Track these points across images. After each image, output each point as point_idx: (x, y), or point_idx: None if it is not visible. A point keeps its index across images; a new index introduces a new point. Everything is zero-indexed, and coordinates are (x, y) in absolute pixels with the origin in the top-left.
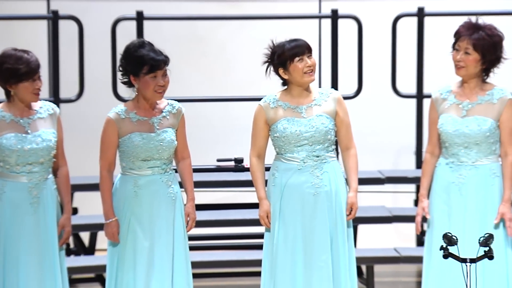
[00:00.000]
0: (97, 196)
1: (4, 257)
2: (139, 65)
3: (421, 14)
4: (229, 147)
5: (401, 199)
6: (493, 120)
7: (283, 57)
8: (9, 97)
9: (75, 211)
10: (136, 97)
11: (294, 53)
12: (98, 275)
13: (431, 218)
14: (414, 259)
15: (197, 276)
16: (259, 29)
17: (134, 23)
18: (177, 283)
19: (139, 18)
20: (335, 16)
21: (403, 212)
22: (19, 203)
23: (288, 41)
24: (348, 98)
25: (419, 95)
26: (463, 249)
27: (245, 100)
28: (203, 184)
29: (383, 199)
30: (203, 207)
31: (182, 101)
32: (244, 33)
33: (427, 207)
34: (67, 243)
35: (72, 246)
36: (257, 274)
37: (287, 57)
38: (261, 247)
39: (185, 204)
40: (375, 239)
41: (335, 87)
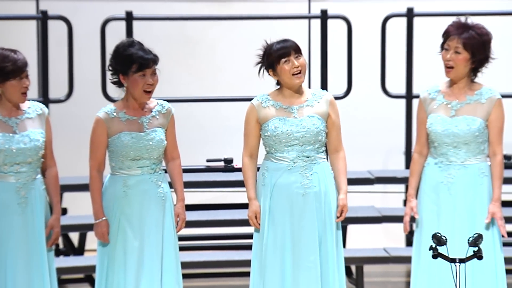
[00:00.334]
0: (86, 196)
1: None
2: (128, 63)
3: (410, 14)
4: (218, 147)
5: (391, 199)
6: (482, 119)
7: (271, 59)
8: None
9: (64, 212)
10: (125, 96)
11: (280, 54)
12: (87, 276)
13: (419, 218)
14: (403, 259)
15: (186, 276)
16: (249, 29)
17: (123, 23)
18: (167, 283)
19: (129, 18)
20: (324, 16)
21: (393, 212)
22: (7, 203)
23: (276, 42)
24: (337, 98)
25: (409, 96)
26: (452, 249)
27: (235, 100)
28: (193, 184)
29: (373, 199)
30: (193, 207)
31: (172, 101)
32: (234, 33)
33: (416, 207)
34: (56, 244)
35: (61, 246)
36: (247, 274)
37: (274, 59)
38: (251, 247)
39: (175, 204)
40: (365, 239)
41: (324, 87)
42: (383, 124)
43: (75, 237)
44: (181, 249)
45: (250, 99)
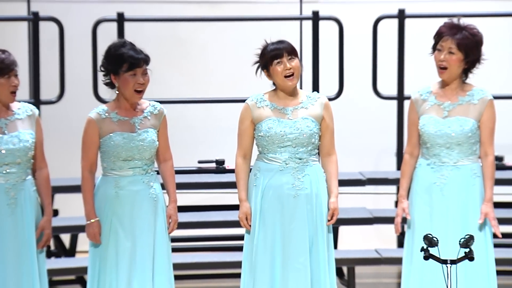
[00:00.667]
0: (78, 197)
1: None
2: (119, 63)
3: (401, 16)
4: (210, 148)
5: (382, 200)
6: (475, 120)
7: (265, 59)
8: None
9: (55, 213)
10: (117, 97)
11: (272, 55)
12: (78, 277)
13: (411, 219)
14: (395, 260)
15: (178, 277)
16: (241, 31)
17: (115, 24)
18: (159, 284)
19: (120, 19)
20: (316, 18)
21: (384, 213)
22: None
23: (272, 43)
24: (329, 99)
25: (400, 97)
26: (445, 250)
27: (226, 101)
28: (185, 185)
29: (364, 201)
30: (185, 209)
31: (163, 102)
32: (225, 35)
33: (407, 208)
34: (47, 245)
35: (52, 248)
36: (239, 275)
37: (267, 59)
38: (242, 249)
39: (167, 205)
40: (356, 241)
41: (316, 89)
42: (374, 125)
43: (66, 238)
44: (173, 250)
45: (241, 100)
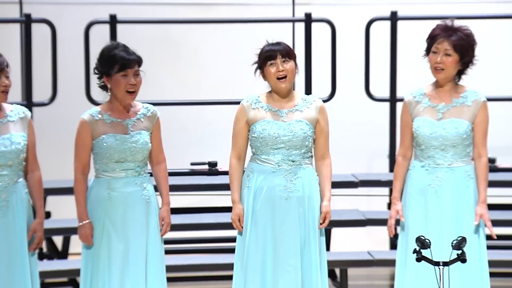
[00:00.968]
0: (70, 200)
1: None
2: (111, 64)
3: (394, 18)
4: (203, 150)
5: (375, 202)
6: (469, 122)
7: (260, 60)
8: None
9: (48, 215)
10: (110, 99)
11: (266, 56)
12: (71, 279)
13: (406, 221)
14: (387, 263)
15: (171, 279)
16: (233, 33)
17: (107, 26)
18: (152, 286)
19: (112, 21)
20: (308, 20)
21: (377, 215)
22: None
23: (268, 44)
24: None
25: (393, 99)
26: (440, 252)
27: (218, 103)
28: (177, 187)
29: (357, 203)
30: (177, 211)
31: (155, 104)
32: (218, 37)
33: (401, 210)
34: (40, 247)
35: (45, 250)
36: (231, 278)
37: (262, 60)
38: (235, 250)
39: (160, 207)
40: (349, 243)
41: (308, 90)
42: (367, 127)
43: (59, 240)
44: (166, 252)
45: (234, 102)
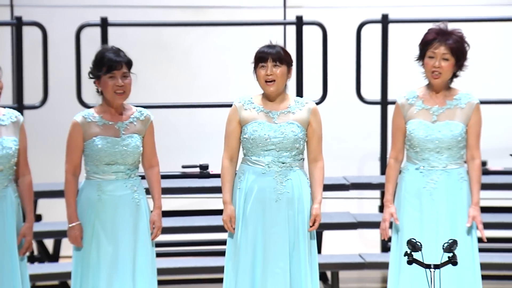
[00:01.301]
0: (61, 202)
1: None
2: (100, 66)
3: (385, 21)
4: (194, 153)
5: (366, 205)
6: (463, 124)
7: (254, 61)
8: None
9: (39, 218)
10: (103, 101)
11: (258, 58)
12: (62, 282)
13: (400, 224)
14: (379, 265)
15: (162, 282)
16: (225, 35)
17: (98, 29)
18: None
19: (104, 24)
20: (300, 22)
21: (368, 218)
22: None
23: (264, 46)
24: None
25: (384, 102)
26: (435, 255)
27: (210, 106)
28: (168, 190)
29: (348, 205)
30: (168, 214)
31: (147, 107)
32: (209, 39)
33: (395, 212)
34: (31, 251)
35: (36, 253)
36: (222, 280)
37: (254, 61)
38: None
39: (151, 211)
40: (340, 245)
41: (300, 93)
42: (358, 130)
43: (50, 243)
44: (157, 255)
45: (225, 105)
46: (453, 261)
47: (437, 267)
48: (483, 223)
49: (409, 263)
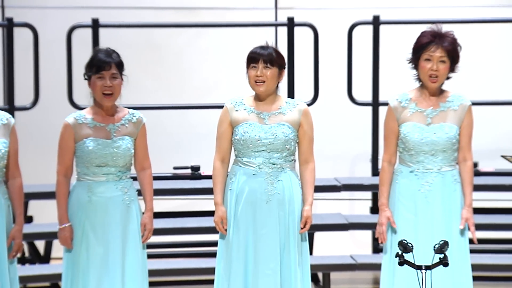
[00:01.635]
0: (52, 204)
1: None
2: (90, 67)
3: (376, 22)
4: (185, 155)
5: (357, 206)
6: (457, 126)
7: (246, 61)
8: None
9: (30, 220)
10: (94, 103)
11: (249, 58)
12: (53, 284)
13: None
14: (370, 266)
15: (153, 284)
16: (216, 37)
17: (90, 30)
18: None
19: (95, 25)
20: (291, 24)
21: (359, 219)
22: None
23: (257, 46)
24: None
25: (375, 103)
26: (430, 256)
27: (201, 108)
28: (160, 192)
29: (340, 207)
30: (160, 215)
31: (138, 108)
32: (201, 40)
33: (392, 216)
34: (22, 252)
35: (27, 254)
36: (214, 282)
37: (246, 62)
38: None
39: (143, 212)
40: (332, 247)
41: (291, 95)
42: (349, 131)
43: (41, 245)
44: (148, 256)
45: (217, 106)
46: (444, 262)
47: (428, 268)
48: (474, 225)
49: (400, 264)
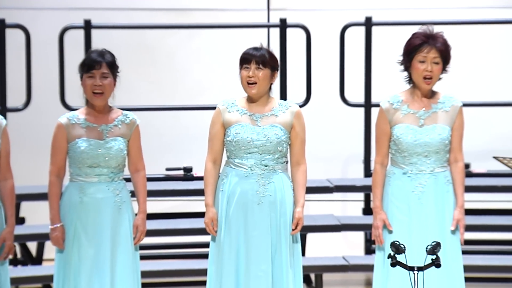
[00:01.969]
0: (44, 205)
1: None
2: (81, 66)
3: (368, 23)
4: (178, 156)
5: (350, 207)
6: (449, 127)
7: (239, 62)
8: None
9: (22, 221)
10: (87, 103)
11: (242, 59)
12: (45, 285)
13: (387, 229)
14: (362, 268)
15: (145, 285)
16: (208, 38)
17: (82, 31)
18: None
19: (87, 26)
20: (283, 25)
21: (352, 220)
22: None
23: (250, 48)
24: None
25: (367, 104)
26: (424, 258)
27: (194, 109)
28: (152, 193)
29: (332, 208)
30: (152, 216)
31: (131, 109)
32: (193, 42)
33: (387, 218)
34: (14, 253)
35: (19, 256)
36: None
37: (239, 63)
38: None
39: (136, 214)
40: (324, 248)
41: (283, 96)
42: (342, 132)
43: (33, 246)
44: (140, 258)
45: (209, 108)
46: (436, 263)
47: (420, 269)
48: (466, 225)
49: (393, 265)
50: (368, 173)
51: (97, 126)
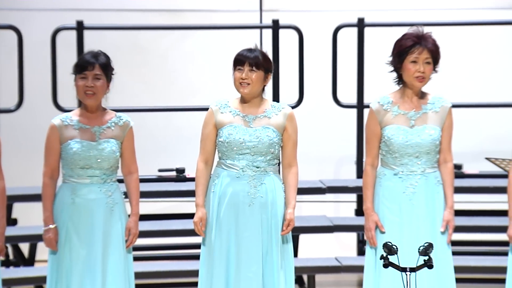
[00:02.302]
0: (37, 206)
1: None
2: (75, 67)
3: (361, 24)
4: (170, 157)
5: (342, 208)
6: (440, 128)
7: (232, 63)
8: None
9: (14, 222)
10: (80, 105)
11: (235, 60)
12: (37, 287)
13: (379, 230)
14: (355, 268)
15: (138, 286)
16: (201, 39)
17: (74, 32)
18: None
19: (79, 27)
20: (276, 26)
21: (344, 221)
22: None
23: (244, 49)
24: None
25: (360, 105)
26: (415, 259)
27: (186, 110)
28: (145, 194)
29: (324, 209)
30: (145, 217)
31: (123, 111)
32: (186, 43)
33: (379, 220)
34: (6, 255)
35: (11, 257)
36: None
37: (233, 64)
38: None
39: (129, 215)
40: (316, 249)
41: (276, 97)
42: (334, 133)
43: (25, 247)
44: (133, 259)
45: (202, 109)
46: (428, 264)
47: (413, 270)
48: (458, 226)
49: (385, 266)
50: (360, 174)
51: (89, 127)
